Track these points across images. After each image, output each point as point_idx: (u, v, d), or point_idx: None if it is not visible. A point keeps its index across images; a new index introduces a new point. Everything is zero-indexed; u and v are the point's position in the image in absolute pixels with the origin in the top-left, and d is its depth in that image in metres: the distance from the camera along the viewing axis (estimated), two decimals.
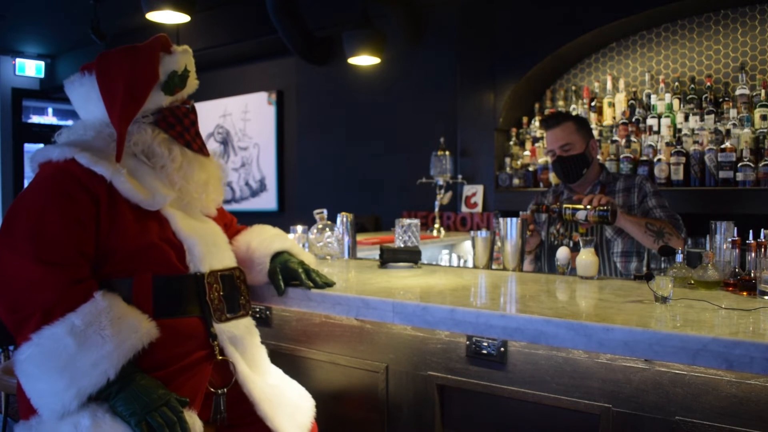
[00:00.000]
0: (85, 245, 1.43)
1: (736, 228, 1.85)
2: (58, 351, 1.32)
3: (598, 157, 2.92)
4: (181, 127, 1.62)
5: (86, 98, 1.59)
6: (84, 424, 1.31)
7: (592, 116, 4.07)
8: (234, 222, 1.93)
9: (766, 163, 3.28)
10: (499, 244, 2.36)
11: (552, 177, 4.09)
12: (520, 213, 2.49)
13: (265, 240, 1.83)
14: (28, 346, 1.33)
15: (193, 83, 1.68)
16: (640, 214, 2.61)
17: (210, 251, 1.60)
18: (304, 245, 2.54)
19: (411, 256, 2.30)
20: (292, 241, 1.92)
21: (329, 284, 1.80)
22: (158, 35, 1.61)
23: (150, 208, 1.52)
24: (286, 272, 1.79)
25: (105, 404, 1.35)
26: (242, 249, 1.82)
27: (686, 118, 3.64)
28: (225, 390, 1.58)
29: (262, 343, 1.78)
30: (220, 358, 1.57)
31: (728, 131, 3.44)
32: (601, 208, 2.22)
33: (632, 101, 3.92)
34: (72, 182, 1.45)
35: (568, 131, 2.70)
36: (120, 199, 1.49)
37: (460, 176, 4.44)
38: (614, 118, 3.99)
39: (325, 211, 2.55)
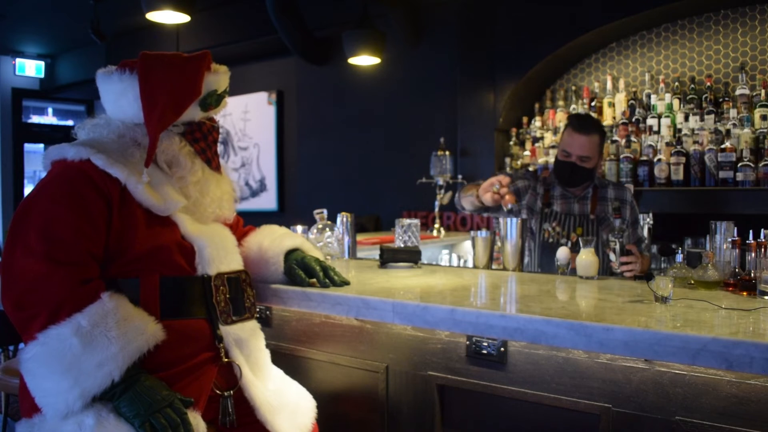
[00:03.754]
0: (95, 246, 1.43)
1: (736, 228, 1.85)
2: (64, 351, 1.32)
3: None
4: (204, 144, 1.63)
5: (121, 94, 1.57)
6: (88, 423, 1.31)
7: (592, 116, 4.07)
8: (240, 223, 1.93)
9: (766, 163, 3.28)
10: (499, 244, 2.36)
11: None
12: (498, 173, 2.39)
13: (276, 239, 1.87)
14: (34, 345, 1.34)
15: (224, 103, 1.69)
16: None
17: (219, 254, 1.60)
18: None
19: (411, 256, 2.30)
20: (303, 238, 1.95)
21: (346, 283, 1.83)
22: (204, 51, 1.61)
23: (161, 213, 1.53)
24: (304, 268, 1.83)
25: (109, 404, 1.36)
26: (254, 249, 1.84)
27: (686, 118, 3.64)
28: (231, 392, 1.58)
29: None
30: (226, 360, 1.57)
31: (728, 131, 3.44)
32: None
33: (632, 101, 3.92)
34: (86, 183, 1.44)
35: (593, 144, 2.64)
36: (132, 202, 1.49)
37: (460, 176, 4.44)
38: (614, 118, 3.99)
39: (325, 211, 2.55)
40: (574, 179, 2.69)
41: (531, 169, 4.22)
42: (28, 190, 7.13)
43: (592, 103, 4.09)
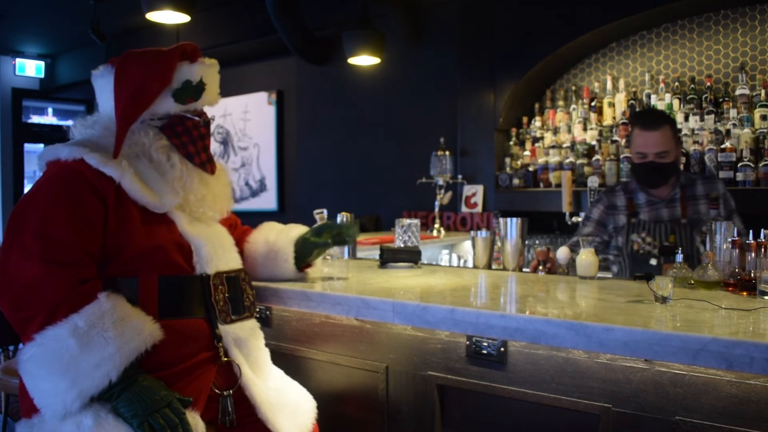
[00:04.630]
0: (92, 246, 1.43)
1: (736, 228, 1.85)
2: (61, 352, 1.32)
3: None
4: (187, 138, 1.61)
5: (103, 90, 1.60)
6: (86, 423, 1.31)
7: (592, 116, 4.07)
8: (238, 223, 1.94)
9: (766, 163, 3.28)
10: (499, 244, 2.36)
11: (552, 177, 4.08)
12: (582, 240, 2.07)
13: (282, 230, 1.89)
14: (31, 346, 1.34)
15: (211, 98, 1.66)
16: None
17: (217, 253, 1.60)
18: None
19: (411, 256, 2.30)
20: (306, 228, 1.97)
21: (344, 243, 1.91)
22: (185, 43, 1.60)
23: (157, 210, 1.53)
24: (316, 233, 1.88)
25: (108, 404, 1.35)
26: (261, 244, 1.86)
27: (686, 118, 3.64)
28: (231, 392, 1.58)
29: None
30: (225, 359, 1.57)
31: (728, 131, 3.44)
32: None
33: (632, 101, 3.92)
34: (80, 182, 1.44)
35: (667, 137, 2.43)
36: (128, 200, 1.49)
37: (460, 176, 4.44)
38: (614, 118, 3.99)
39: (325, 211, 2.55)
40: (657, 179, 2.49)
41: (531, 169, 4.21)
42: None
43: (592, 103, 4.09)
